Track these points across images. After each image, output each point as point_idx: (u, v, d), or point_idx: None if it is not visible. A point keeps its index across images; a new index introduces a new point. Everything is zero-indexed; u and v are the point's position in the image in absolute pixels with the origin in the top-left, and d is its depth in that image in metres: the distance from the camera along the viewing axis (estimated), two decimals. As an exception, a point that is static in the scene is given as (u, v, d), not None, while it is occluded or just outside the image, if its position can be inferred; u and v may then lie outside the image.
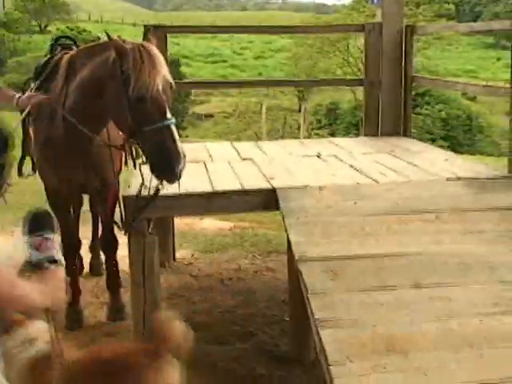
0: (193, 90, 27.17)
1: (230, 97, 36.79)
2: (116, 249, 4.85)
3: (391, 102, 6.27)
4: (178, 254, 6.35)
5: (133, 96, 3.73)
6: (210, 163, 5.18)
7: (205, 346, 4.47)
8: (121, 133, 4.08)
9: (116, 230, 4.57)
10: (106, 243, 4.85)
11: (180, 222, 6.72)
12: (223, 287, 5.68)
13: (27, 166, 4.65)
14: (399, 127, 6.27)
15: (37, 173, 4.64)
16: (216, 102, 40.20)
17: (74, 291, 4.85)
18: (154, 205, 4.01)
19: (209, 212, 5.06)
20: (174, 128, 3.75)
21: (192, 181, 4.48)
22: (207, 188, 4.34)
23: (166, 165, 3.72)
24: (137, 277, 4.18)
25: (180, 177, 3.79)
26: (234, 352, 4.41)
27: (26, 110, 4.13)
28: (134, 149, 4.31)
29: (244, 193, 4.28)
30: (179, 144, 3.73)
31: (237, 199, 4.28)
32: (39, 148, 4.42)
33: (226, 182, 4.50)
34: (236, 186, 4.38)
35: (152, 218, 4.24)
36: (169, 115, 3.76)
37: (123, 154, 4.56)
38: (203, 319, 4.93)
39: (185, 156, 3.75)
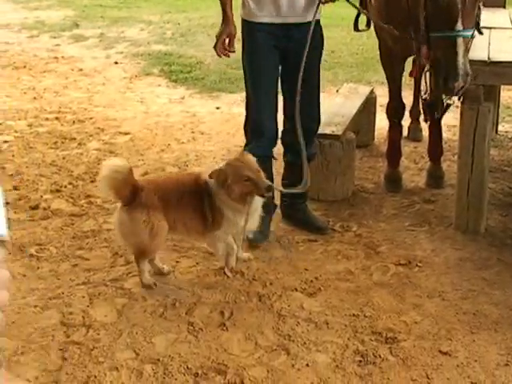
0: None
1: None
2: (442, 114, 4.68)
3: None
4: (500, 127, 5.99)
5: None
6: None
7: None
8: None
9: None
10: (432, 108, 4.69)
11: (504, 95, 6.29)
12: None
13: (362, 21, 4.59)
14: None
15: (371, 28, 4.59)
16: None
17: (395, 154, 4.84)
18: (492, 71, 3.76)
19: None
20: (460, 41, 3.39)
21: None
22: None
23: (443, 78, 3.47)
24: (466, 145, 4.01)
25: (457, 94, 3.55)
26: None
27: None
28: None
29: None
30: (461, 60, 3.38)
31: None
32: (377, 5, 4.32)
33: None
34: None
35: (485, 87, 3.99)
36: (459, 26, 3.38)
37: None
38: (527, 199, 4.64)
39: (468, 74, 3.43)
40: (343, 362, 2.96)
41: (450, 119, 4.99)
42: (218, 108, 6.63)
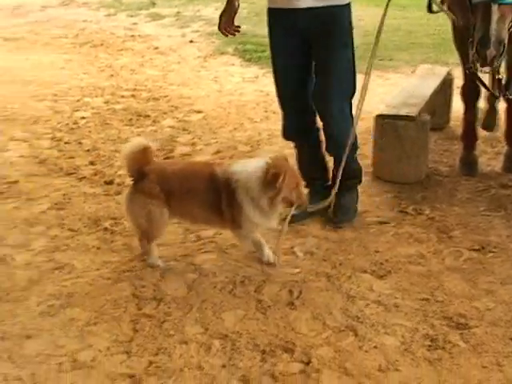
0: None
1: None
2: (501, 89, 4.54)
3: None
4: None
5: None
6: None
7: None
8: None
9: None
10: (509, 91, 4.56)
11: None
12: None
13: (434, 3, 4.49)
14: None
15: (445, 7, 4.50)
16: None
17: (471, 137, 4.73)
18: None
19: None
20: (494, 7, 3.37)
21: None
22: None
23: (476, 44, 3.48)
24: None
25: (489, 63, 3.50)
26: None
27: None
28: None
29: None
30: (494, 26, 3.35)
31: None
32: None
33: None
34: None
35: None
36: None
37: None
38: None
39: (501, 43, 3.40)
40: (412, 345, 2.92)
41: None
42: (291, 87, 6.60)
